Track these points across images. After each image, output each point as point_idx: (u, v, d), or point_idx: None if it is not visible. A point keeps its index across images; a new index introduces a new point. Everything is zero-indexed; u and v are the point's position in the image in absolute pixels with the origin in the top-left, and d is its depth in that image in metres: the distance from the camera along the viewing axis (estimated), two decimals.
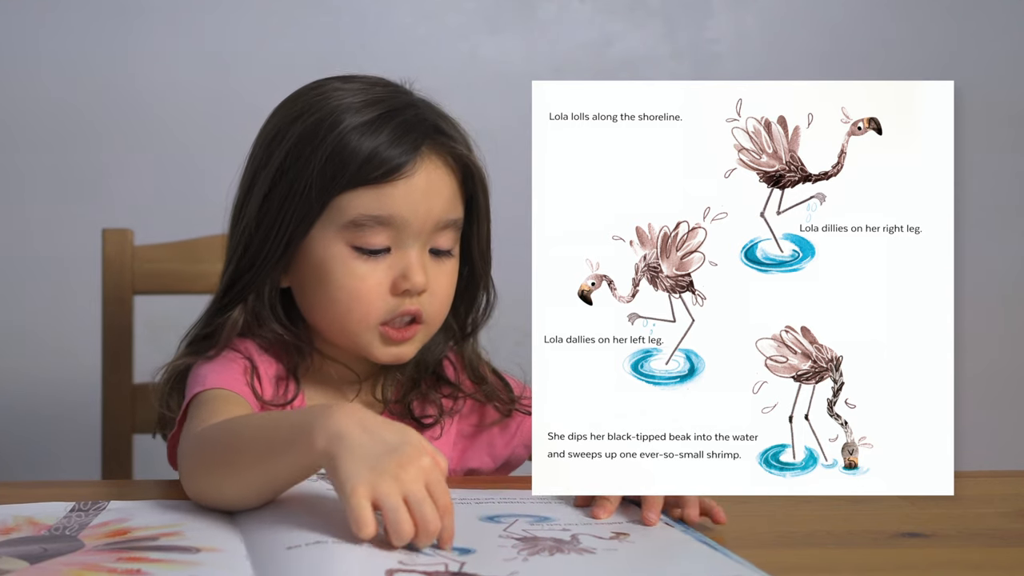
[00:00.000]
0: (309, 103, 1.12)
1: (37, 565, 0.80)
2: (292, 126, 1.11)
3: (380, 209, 1.07)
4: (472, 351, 1.20)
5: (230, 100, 1.99)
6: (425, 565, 0.79)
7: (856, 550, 0.91)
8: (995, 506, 1.04)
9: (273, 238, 1.10)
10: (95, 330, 1.55)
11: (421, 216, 1.08)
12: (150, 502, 0.98)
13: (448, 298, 1.14)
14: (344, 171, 1.07)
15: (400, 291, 1.09)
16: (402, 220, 1.08)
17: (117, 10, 1.98)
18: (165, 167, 2.00)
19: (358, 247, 1.09)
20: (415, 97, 1.14)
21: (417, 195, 1.08)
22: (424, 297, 1.10)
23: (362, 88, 1.12)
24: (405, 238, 1.09)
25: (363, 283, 1.09)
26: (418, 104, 1.13)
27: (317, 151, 1.08)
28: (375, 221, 1.08)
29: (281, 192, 1.09)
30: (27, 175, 1.99)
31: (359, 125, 1.08)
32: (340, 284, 1.09)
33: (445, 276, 1.13)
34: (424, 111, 1.12)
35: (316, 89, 1.14)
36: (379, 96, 1.11)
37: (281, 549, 0.81)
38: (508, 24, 2.06)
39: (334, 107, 1.10)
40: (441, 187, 1.10)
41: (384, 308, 1.09)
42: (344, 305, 1.10)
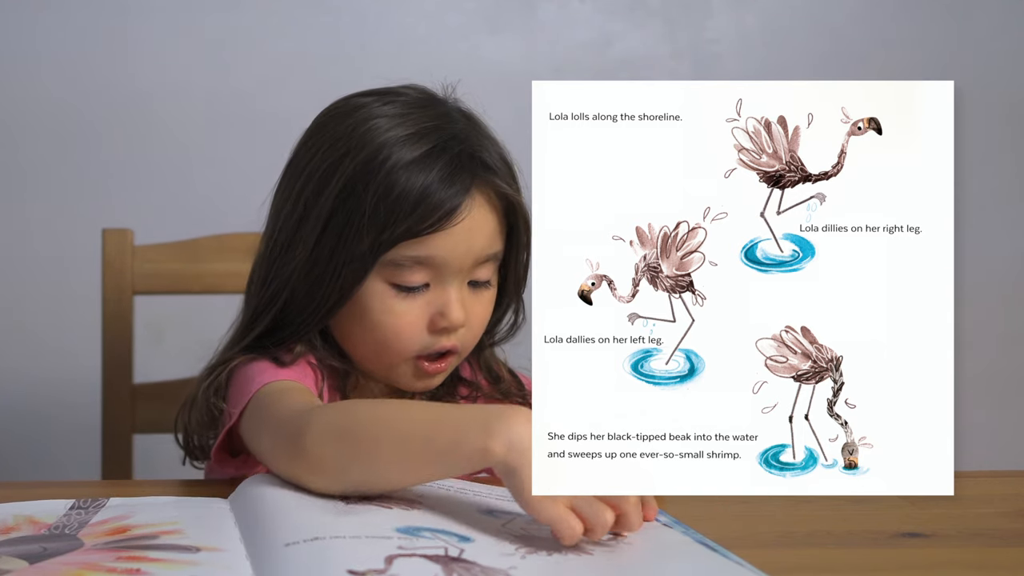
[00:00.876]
0: (353, 137, 1.08)
1: (37, 565, 0.80)
2: (340, 166, 1.07)
3: (421, 251, 1.07)
4: (489, 351, 1.20)
5: (230, 100, 1.99)
6: (425, 548, 0.80)
7: (856, 550, 0.91)
8: (995, 506, 1.04)
9: (325, 288, 1.07)
10: (95, 330, 1.55)
11: (461, 256, 1.08)
12: (150, 499, 0.98)
13: (483, 326, 1.14)
14: (395, 226, 1.04)
15: (438, 328, 1.09)
16: (442, 261, 1.07)
17: (117, 10, 1.98)
18: (165, 167, 2.00)
19: (396, 284, 1.08)
20: (456, 116, 1.11)
21: (460, 238, 1.07)
22: (460, 331, 1.10)
23: (404, 114, 1.09)
24: (445, 275, 1.08)
25: (400, 320, 1.08)
26: (460, 134, 1.09)
27: (366, 200, 1.05)
28: (414, 261, 1.07)
29: (330, 242, 1.06)
30: (27, 175, 1.99)
31: (407, 165, 1.05)
32: (377, 321, 1.09)
33: (482, 306, 1.12)
34: (469, 143, 1.09)
35: (356, 115, 1.10)
36: (424, 127, 1.08)
37: (279, 546, 0.81)
38: (508, 24, 2.06)
39: (380, 144, 1.06)
40: (483, 225, 1.09)
41: (420, 344, 1.09)
42: (381, 341, 1.09)
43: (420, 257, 1.07)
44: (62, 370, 1.98)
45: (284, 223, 1.11)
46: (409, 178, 1.05)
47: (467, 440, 0.85)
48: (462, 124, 1.11)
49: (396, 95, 1.13)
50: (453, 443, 0.86)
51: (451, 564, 0.78)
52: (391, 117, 1.09)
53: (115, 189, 1.98)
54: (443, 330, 1.09)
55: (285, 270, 1.09)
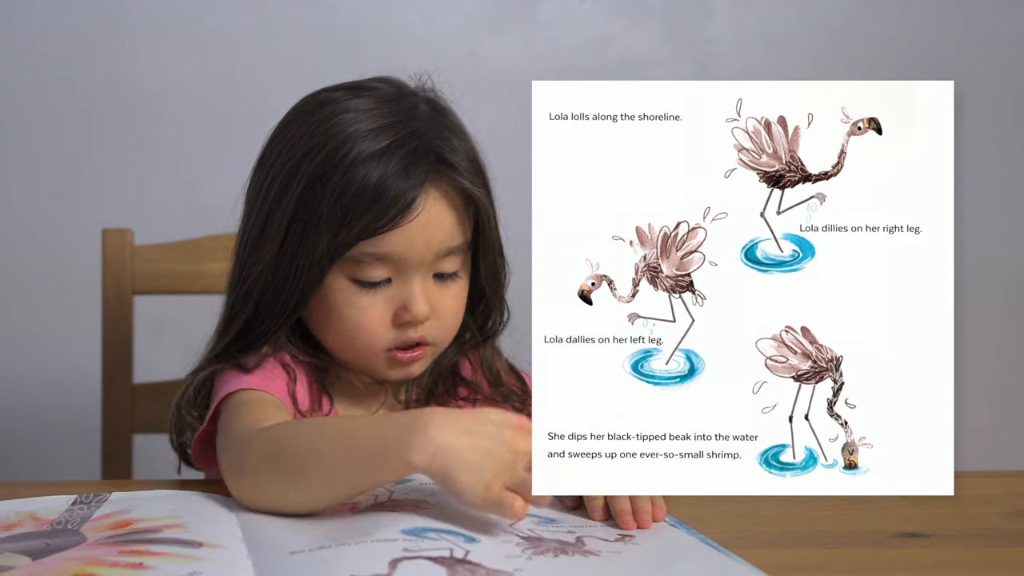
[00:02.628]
0: (316, 135, 1.08)
1: (39, 560, 0.80)
2: (302, 165, 1.08)
3: (379, 248, 1.07)
4: (490, 349, 1.20)
5: (230, 100, 1.99)
6: (430, 550, 0.80)
7: (856, 550, 0.91)
8: (995, 506, 1.04)
9: (289, 287, 1.08)
10: (95, 330, 1.55)
11: (420, 251, 1.07)
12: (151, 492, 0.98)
13: (456, 318, 1.13)
14: (351, 225, 1.05)
15: (402, 322, 1.09)
16: (401, 257, 1.07)
17: (117, 10, 1.98)
18: (165, 167, 2.00)
19: (358, 280, 1.08)
20: (421, 111, 1.11)
21: (416, 233, 1.07)
22: (428, 323, 1.10)
23: (369, 110, 1.09)
24: (406, 270, 1.08)
25: (364, 315, 1.09)
26: (420, 129, 1.09)
27: (325, 200, 1.05)
28: (373, 258, 1.07)
29: (293, 243, 1.07)
30: (27, 175, 1.99)
31: (365, 160, 1.05)
32: (343, 316, 1.09)
33: (451, 299, 1.12)
34: (428, 137, 1.09)
35: (321, 112, 1.11)
36: (386, 123, 1.08)
37: (284, 554, 0.81)
38: (508, 24, 2.06)
39: (341, 140, 1.07)
40: (441, 220, 1.08)
41: (388, 338, 1.10)
42: (348, 335, 1.10)
43: (379, 254, 1.07)
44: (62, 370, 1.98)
45: (253, 222, 1.12)
46: (366, 173, 1.05)
47: (389, 457, 0.87)
48: (424, 119, 1.11)
49: (365, 90, 1.13)
50: (378, 460, 0.88)
51: (456, 566, 0.78)
52: (356, 112, 1.09)
53: (115, 189, 1.98)
54: (407, 324, 1.09)
55: (254, 270, 1.10)
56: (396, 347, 1.10)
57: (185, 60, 2.00)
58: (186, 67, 1.99)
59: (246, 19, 2.01)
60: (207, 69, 2.00)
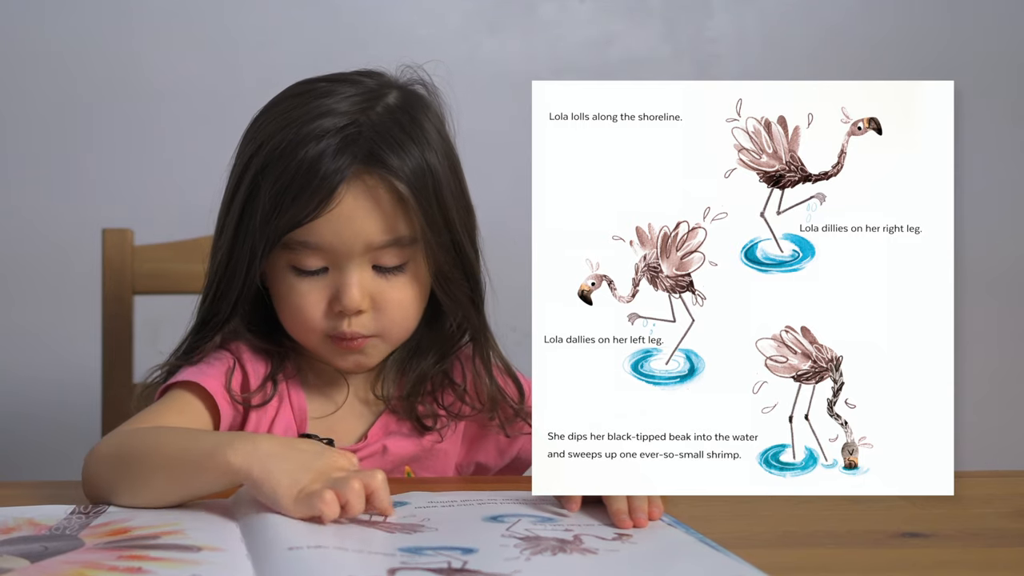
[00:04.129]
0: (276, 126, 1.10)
1: (38, 563, 0.80)
2: (256, 155, 1.10)
3: (307, 236, 1.08)
4: (485, 352, 1.18)
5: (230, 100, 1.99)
6: (428, 563, 0.80)
7: (856, 550, 0.91)
8: (995, 506, 1.04)
9: (237, 277, 1.11)
10: (95, 330, 1.55)
11: (348, 242, 1.07)
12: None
13: (403, 311, 1.12)
14: (279, 216, 1.07)
15: (335, 311, 1.09)
16: (331, 246, 1.08)
17: (118, 10, 1.98)
18: (165, 167, 2.00)
19: (296, 267, 1.10)
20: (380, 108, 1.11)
21: (342, 224, 1.07)
22: (366, 316, 1.10)
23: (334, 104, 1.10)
24: (340, 260, 1.08)
25: (303, 300, 1.10)
26: (366, 124, 1.09)
27: (264, 191, 1.08)
28: (304, 246, 1.08)
29: (241, 232, 1.10)
30: (27, 175, 1.99)
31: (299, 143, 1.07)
32: (285, 299, 1.12)
33: (396, 291, 1.11)
34: (367, 132, 1.08)
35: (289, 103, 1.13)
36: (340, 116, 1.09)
37: (282, 549, 0.81)
38: (508, 24, 2.06)
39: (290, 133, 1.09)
40: (368, 213, 1.07)
41: (323, 325, 1.10)
42: (290, 319, 1.12)
43: (311, 243, 1.08)
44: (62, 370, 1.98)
45: (220, 214, 1.15)
46: (300, 159, 1.07)
47: (213, 456, 0.92)
48: (379, 114, 1.10)
49: (346, 82, 1.14)
50: (202, 459, 0.93)
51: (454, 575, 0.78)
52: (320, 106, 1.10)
53: (115, 189, 1.98)
54: (341, 313, 1.09)
55: (215, 261, 1.13)
56: (335, 334, 1.11)
57: (185, 60, 2.00)
58: (186, 67, 1.99)
59: (246, 19, 2.01)
60: (207, 69, 2.00)
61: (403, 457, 1.16)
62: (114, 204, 1.97)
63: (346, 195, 1.06)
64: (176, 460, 0.96)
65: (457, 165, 1.16)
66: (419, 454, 1.17)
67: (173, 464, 0.95)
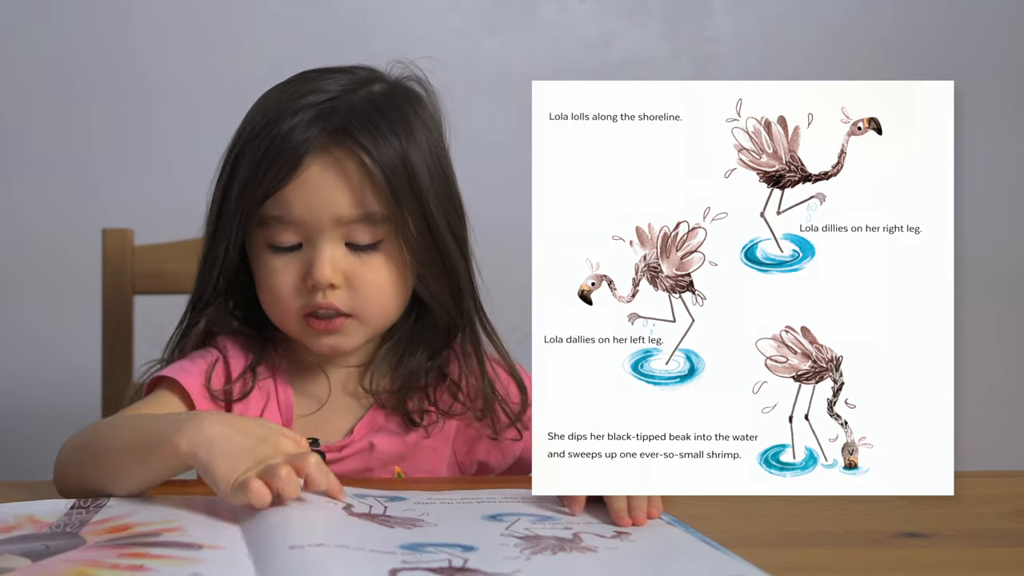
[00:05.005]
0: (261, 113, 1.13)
1: (39, 562, 0.80)
2: (240, 138, 1.14)
3: (279, 210, 1.09)
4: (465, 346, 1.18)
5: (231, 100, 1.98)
6: (429, 562, 0.80)
7: (856, 550, 0.91)
8: (995, 506, 1.04)
9: (217, 257, 1.14)
10: (95, 330, 1.55)
11: (316, 213, 1.09)
12: (150, 498, 0.98)
13: (379, 291, 1.12)
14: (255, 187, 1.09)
15: (308, 286, 1.10)
16: (301, 219, 1.09)
17: (118, 10, 1.98)
18: (165, 167, 2.00)
19: (272, 245, 1.11)
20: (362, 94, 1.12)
21: (309, 194, 1.08)
22: (340, 292, 1.10)
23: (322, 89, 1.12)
24: (311, 234, 1.10)
25: (278, 278, 1.11)
26: (343, 103, 1.11)
27: (243, 165, 1.11)
28: (277, 221, 1.10)
29: (224, 209, 1.13)
30: (27, 175, 1.99)
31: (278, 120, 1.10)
32: (262, 279, 1.13)
33: (370, 270, 1.11)
34: (346, 108, 1.10)
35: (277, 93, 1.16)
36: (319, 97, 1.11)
37: (283, 548, 0.81)
38: (508, 24, 2.06)
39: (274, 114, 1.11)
40: (335, 185, 1.09)
41: (299, 302, 1.11)
42: (267, 300, 1.14)
43: (281, 217, 1.09)
44: (62, 370, 1.98)
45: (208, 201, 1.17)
46: (276, 132, 1.09)
47: (161, 440, 0.94)
48: (361, 98, 1.12)
49: (340, 72, 1.16)
50: (154, 444, 0.95)
51: (455, 575, 0.78)
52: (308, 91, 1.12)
53: (115, 189, 1.98)
54: (315, 288, 1.10)
55: (204, 248, 1.16)
56: (309, 313, 1.11)
57: (185, 60, 2.00)
58: (186, 67, 1.99)
59: (246, 19, 2.01)
60: (207, 69, 2.00)
61: (390, 454, 1.16)
62: (114, 204, 1.97)
63: (312, 164, 1.08)
64: (133, 446, 0.97)
65: (444, 158, 1.16)
66: (406, 452, 1.17)
67: (130, 450, 0.97)
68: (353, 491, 0.98)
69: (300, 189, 1.08)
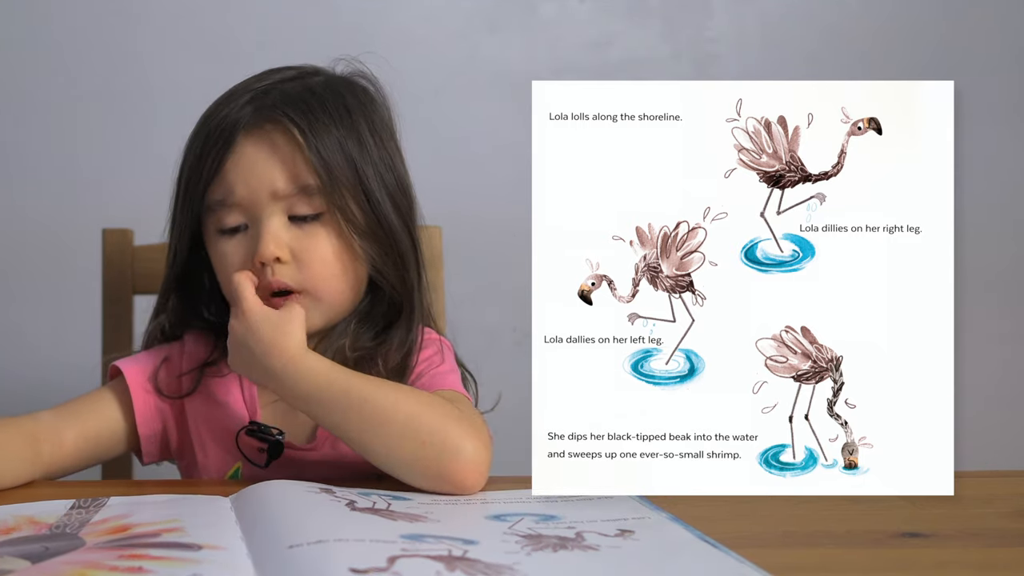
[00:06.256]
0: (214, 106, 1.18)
1: (39, 564, 0.80)
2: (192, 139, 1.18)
3: (221, 194, 1.12)
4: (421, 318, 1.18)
5: None
6: (428, 550, 0.80)
7: (856, 550, 0.91)
8: (995, 506, 1.04)
9: (173, 249, 1.17)
10: (95, 330, 1.55)
11: (254, 189, 1.11)
12: (150, 497, 0.98)
13: (326, 264, 1.12)
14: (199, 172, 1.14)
15: (257, 264, 1.11)
16: (241, 198, 1.11)
17: (118, 10, 1.98)
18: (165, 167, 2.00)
19: (219, 229, 1.13)
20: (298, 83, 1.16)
21: (246, 170, 1.11)
22: (289, 268, 1.11)
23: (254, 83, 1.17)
24: (254, 212, 1.11)
25: (228, 259, 1.13)
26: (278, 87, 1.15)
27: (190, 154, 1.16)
28: (221, 204, 1.12)
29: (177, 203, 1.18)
30: (27, 174, 1.99)
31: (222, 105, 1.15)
32: (216, 266, 1.15)
33: (314, 241, 1.12)
34: (278, 90, 1.14)
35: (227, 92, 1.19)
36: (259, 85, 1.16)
37: (283, 547, 0.82)
38: (508, 24, 2.06)
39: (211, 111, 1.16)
40: (269, 155, 1.11)
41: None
42: (223, 284, 1.15)
43: (224, 200, 1.12)
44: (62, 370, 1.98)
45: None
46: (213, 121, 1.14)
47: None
48: (293, 86, 1.15)
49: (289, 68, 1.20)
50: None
51: (454, 562, 0.78)
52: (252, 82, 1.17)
53: (115, 189, 1.98)
54: (264, 266, 1.11)
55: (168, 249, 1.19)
56: (263, 294, 1.11)
57: (185, 60, 2.00)
58: (186, 67, 2.00)
59: (246, 19, 2.01)
60: (207, 69, 2.00)
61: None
62: (114, 204, 1.97)
63: (245, 142, 1.12)
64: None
65: (388, 142, 1.17)
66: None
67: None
68: (357, 490, 0.98)
69: (236, 167, 1.11)
